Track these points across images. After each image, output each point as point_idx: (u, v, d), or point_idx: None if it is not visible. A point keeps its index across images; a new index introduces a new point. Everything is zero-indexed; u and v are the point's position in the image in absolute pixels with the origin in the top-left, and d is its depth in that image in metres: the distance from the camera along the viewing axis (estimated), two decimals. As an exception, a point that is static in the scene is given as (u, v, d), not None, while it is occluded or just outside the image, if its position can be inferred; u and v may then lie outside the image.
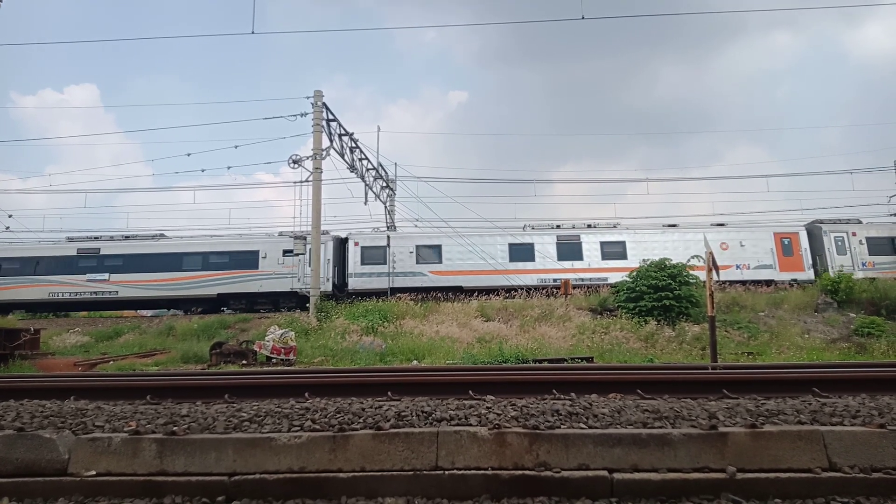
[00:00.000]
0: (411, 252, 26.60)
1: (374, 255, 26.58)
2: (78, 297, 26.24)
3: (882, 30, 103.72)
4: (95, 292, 26.17)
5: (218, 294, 26.30)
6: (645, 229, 27.60)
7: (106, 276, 26.25)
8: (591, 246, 26.89)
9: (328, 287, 25.57)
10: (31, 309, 27.03)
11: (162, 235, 28.52)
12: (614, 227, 27.80)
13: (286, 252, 25.92)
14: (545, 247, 26.82)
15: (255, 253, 26.48)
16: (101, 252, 26.86)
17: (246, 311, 25.29)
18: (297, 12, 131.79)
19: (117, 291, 26.08)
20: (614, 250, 26.77)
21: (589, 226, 27.75)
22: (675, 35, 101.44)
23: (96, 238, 27.91)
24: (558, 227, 27.80)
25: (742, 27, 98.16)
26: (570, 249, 26.81)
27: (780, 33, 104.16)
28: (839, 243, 26.31)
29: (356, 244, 26.86)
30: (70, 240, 27.80)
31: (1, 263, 26.79)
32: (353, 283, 26.31)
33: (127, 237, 28.29)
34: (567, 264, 26.33)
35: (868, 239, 26.40)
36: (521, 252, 26.77)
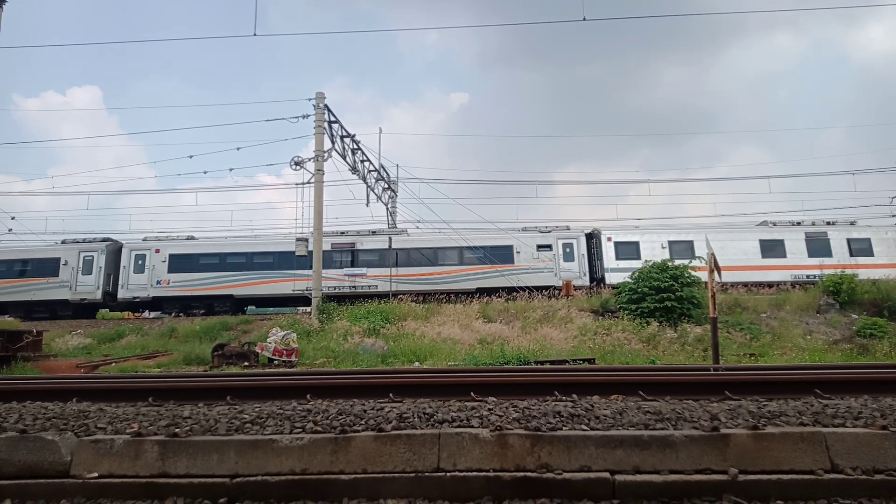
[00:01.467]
0: (663, 247, 26.99)
1: (626, 251, 27.25)
2: (336, 290, 26.67)
3: (883, 31, 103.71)
4: (354, 286, 26.79)
5: (477, 288, 26.53)
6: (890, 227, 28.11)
7: (363, 270, 27.00)
8: (838, 243, 27.07)
9: (585, 281, 26.93)
10: (280, 304, 27.43)
11: (404, 231, 29.14)
12: (852, 223, 28.12)
13: (540, 247, 27.07)
14: (795, 243, 27.01)
15: (510, 248, 27.23)
16: (357, 247, 27.55)
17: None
18: (299, 15, 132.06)
19: (376, 286, 26.53)
20: (861, 247, 26.98)
21: (828, 223, 28.00)
22: (677, 36, 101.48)
23: (352, 234, 28.51)
24: (799, 223, 28.07)
25: (743, 29, 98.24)
26: (819, 246, 26.99)
27: (781, 35, 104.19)
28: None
29: (609, 239, 27.59)
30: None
31: (253, 258, 27.26)
32: (610, 278, 26.83)
33: (373, 232, 28.78)
34: (815, 261, 26.41)
35: None
36: (773, 248, 27.01)
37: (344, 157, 26.12)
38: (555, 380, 5.45)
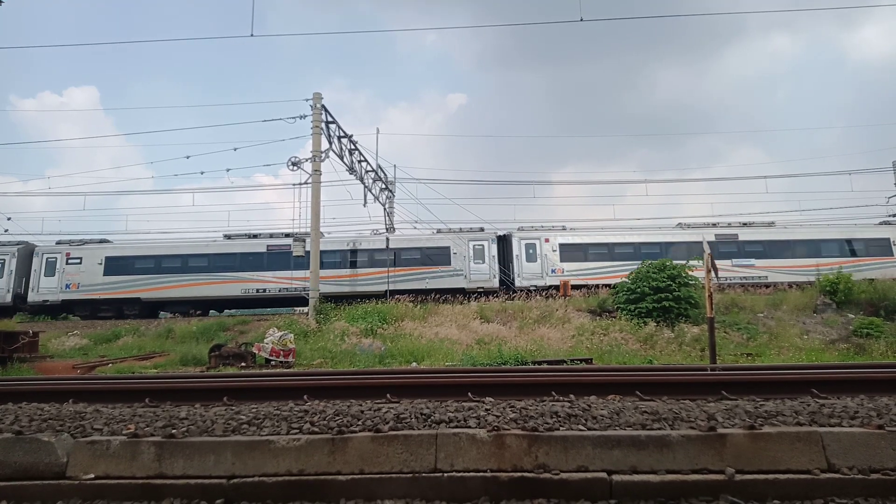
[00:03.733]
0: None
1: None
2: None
3: (879, 32, 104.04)
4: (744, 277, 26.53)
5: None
6: None
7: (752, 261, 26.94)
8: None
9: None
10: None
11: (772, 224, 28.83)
12: (770, 224, 28.30)
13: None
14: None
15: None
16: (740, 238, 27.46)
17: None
18: (298, 17, 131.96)
19: (766, 276, 26.45)
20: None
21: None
22: (674, 37, 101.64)
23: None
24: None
25: (741, 31, 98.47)
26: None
27: (778, 37, 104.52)
28: None
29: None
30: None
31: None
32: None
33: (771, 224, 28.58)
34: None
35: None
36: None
37: (341, 158, 26.10)
38: (552, 380, 5.45)
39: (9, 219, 30.40)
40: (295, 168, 23.70)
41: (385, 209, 32.11)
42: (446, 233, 27.64)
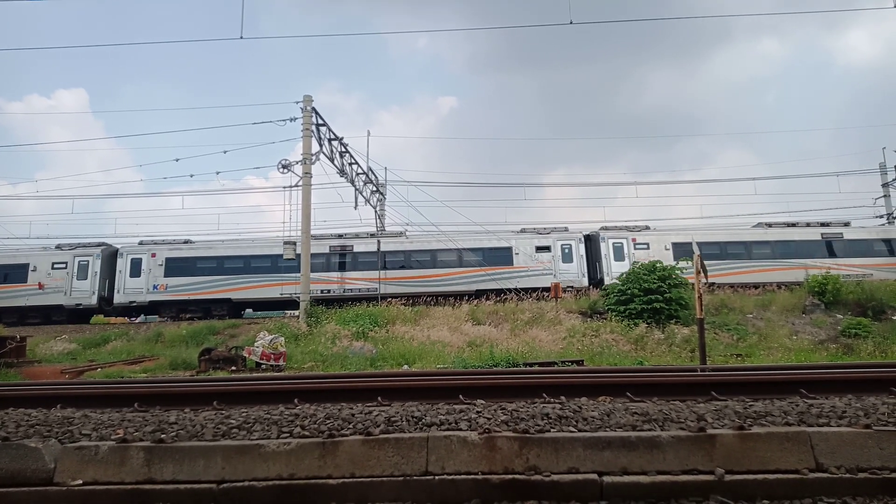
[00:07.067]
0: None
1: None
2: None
3: (864, 35, 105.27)
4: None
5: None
6: None
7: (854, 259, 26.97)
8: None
9: None
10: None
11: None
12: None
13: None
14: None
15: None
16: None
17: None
18: (290, 20, 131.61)
19: (872, 274, 26.15)
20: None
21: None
22: (664, 41, 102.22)
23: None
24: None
25: (729, 34, 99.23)
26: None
27: (766, 40, 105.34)
28: None
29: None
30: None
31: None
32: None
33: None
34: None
35: None
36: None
37: (332, 160, 26.04)
38: (543, 382, 5.46)
39: None
40: (285, 171, 23.65)
41: (376, 212, 32.08)
42: (546, 234, 27.92)
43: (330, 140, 25.68)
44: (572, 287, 25.94)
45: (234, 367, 15.89)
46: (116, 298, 26.76)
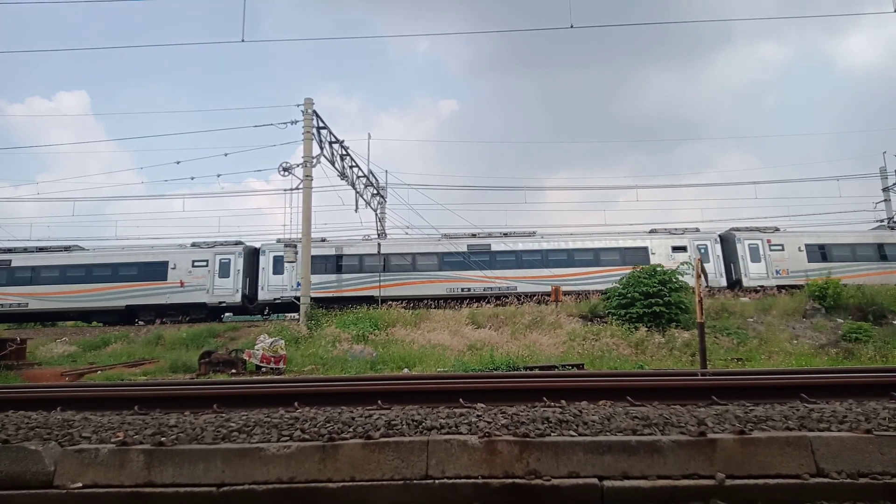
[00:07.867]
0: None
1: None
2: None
3: (864, 39, 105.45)
4: None
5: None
6: None
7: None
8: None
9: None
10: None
11: None
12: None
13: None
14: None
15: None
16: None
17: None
18: (291, 23, 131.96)
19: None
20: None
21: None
22: (665, 45, 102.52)
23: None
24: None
25: (729, 38, 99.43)
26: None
27: (766, 44, 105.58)
28: None
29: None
30: None
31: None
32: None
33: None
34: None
35: None
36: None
37: (332, 163, 26.07)
38: (543, 385, 5.44)
39: None
40: (286, 173, 23.66)
41: (377, 214, 32.09)
42: (680, 234, 28.08)
43: (331, 143, 25.71)
44: (710, 288, 25.51)
45: (234, 370, 15.87)
46: (261, 295, 26.73)
